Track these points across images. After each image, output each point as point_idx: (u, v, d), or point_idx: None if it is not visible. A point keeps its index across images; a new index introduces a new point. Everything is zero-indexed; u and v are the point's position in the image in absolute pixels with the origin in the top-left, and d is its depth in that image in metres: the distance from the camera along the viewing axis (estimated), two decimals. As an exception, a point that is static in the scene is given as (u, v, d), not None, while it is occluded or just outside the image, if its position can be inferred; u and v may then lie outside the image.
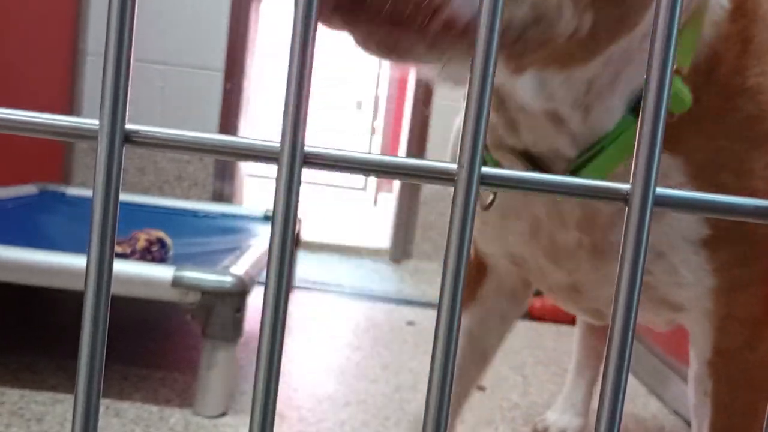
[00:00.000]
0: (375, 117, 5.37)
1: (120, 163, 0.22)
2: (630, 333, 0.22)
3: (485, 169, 0.22)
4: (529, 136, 0.63)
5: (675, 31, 0.22)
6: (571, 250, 0.69)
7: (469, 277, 0.88)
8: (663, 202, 0.23)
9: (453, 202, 0.22)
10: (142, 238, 1.38)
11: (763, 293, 0.68)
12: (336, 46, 6.07)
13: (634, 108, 0.59)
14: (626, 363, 0.22)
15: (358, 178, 5.70)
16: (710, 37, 0.61)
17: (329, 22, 0.36)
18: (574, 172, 0.60)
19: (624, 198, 0.23)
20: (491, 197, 0.69)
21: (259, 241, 1.61)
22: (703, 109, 0.62)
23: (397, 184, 2.83)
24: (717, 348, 0.70)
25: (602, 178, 0.60)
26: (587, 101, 0.58)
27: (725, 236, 0.65)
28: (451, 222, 0.22)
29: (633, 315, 0.22)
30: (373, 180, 5.31)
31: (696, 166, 0.63)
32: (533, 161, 0.64)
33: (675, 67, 0.58)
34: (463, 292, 0.79)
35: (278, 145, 0.21)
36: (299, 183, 0.21)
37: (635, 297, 0.22)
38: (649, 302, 0.71)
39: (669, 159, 0.63)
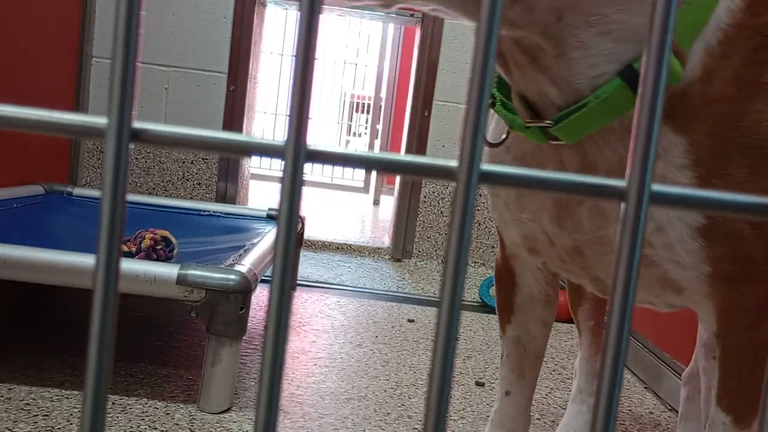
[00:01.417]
0: (378, 120, 5.39)
1: (127, 160, 0.22)
2: (625, 330, 0.22)
3: (485, 167, 0.22)
4: (520, 78, 0.64)
5: (671, 30, 0.22)
6: (573, 209, 0.71)
7: (504, 290, 0.91)
8: (659, 199, 0.23)
9: (453, 200, 0.22)
10: (147, 237, 1.40)
11: (762, 291, 0.68)
12: (335, 51, 6.08)
13: (625, 76, 0.59)
14: (621, 358, 0.22)
15: (359, 181, 5.72)
16: (724, 23, 0.60)
17: None
18: (558, 121, 0.62)
19: (620, 195, 0.22)
20: (503, 137, 0.71)
21: (263, 239, 1.62)
22: (716, 93, 0.61)
23: (397, 185, 2.85)
24: (721, 327, 0.72)
25: (584, 133, 0.62)
26: (558, 32, 0.59)
27: (720, 230, 0.65)
28: (451, 219, 0.22)
29: (629, 311, 0.22)
30: (374, 181, 5.32)
31: (701, 151, 0.62)
32: (531, 108, 0.66)
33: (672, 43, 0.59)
34: (504, 307, 0.80)
35: (283, 142, 0.21)
36: (302, 177, 0.22)
37: (631, 293, 0.22)
38: (653, 280, 0.71)
39: (671, 135, 0.62)
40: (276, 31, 5.61)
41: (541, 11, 0.58)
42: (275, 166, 5.09)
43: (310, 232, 2.99)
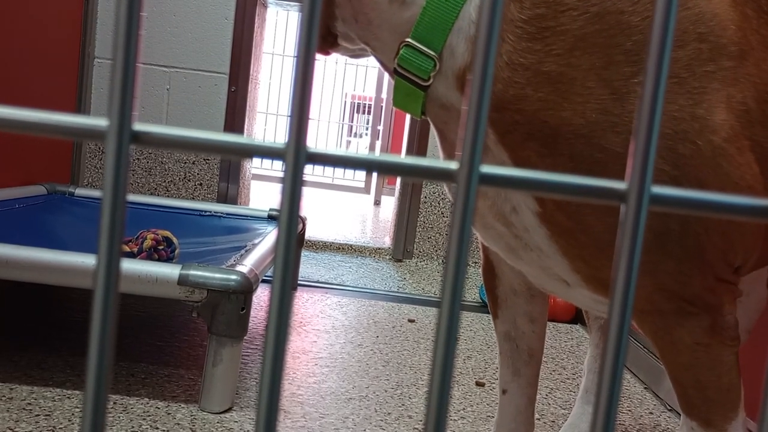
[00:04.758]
0: (379, 121, 5.39)
1: (127, 162, 0.22)
2: (625, 330, 0.22)
3: (485, 168, 0.22)
4: None
5: (668, 54, 0.22)
6: None
7: (487, 283, 0.92)
8: (660, 200, 0.23)
9: (453, 201, 0.22)
10: (149, 238, 1.40)
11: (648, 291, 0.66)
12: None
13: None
14: (621, 358, 0.22)
15: (360, 181, 5.72)
16: (477, 19, 0.68)
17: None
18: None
19: (621, 197, 0.22)
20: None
21: (264, 239, 1.62)
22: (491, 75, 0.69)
23: (398, 186, 2.85)
24: (644, 331, 0.71)
25: (405, 110, 0.74)
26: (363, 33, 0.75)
27: (553, 220, 0.65)
28: (451, 220, 0.22)
29: (628, 311, 0.22)
30: (374, 182, 5.33)
31: (496, 127, 0.66)
32: None
33: (413, 42, 0.71)
34: (491, 300, 0.82)
35: (283, 144, 0.21)
36: (303, 179, 0.22)
37: (630, 293, 0.22)
38: (537, 267, 0.72)
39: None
40: (277, 32, 5.61)
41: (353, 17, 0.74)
42: (276, 167, 5.10)
43: (311, 233, 3.00)
